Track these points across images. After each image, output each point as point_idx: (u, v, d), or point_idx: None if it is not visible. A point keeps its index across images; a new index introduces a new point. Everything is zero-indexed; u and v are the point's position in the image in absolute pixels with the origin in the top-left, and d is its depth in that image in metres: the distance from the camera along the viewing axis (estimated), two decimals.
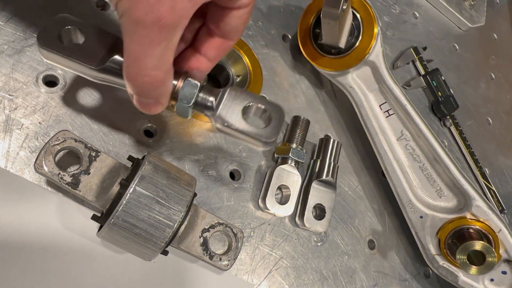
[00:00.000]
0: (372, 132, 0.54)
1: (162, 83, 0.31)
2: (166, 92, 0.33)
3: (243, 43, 0.48)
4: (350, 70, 0.53)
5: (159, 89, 0.31)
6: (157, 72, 0.30)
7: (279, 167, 0.49)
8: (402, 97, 0.52)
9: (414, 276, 0.58)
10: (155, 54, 0.28)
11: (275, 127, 0.35)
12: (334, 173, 0.51)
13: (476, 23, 0.85)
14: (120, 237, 0.35)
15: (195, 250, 0.40)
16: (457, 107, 0.72)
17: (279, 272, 0.48)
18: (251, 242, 0.47)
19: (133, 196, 0.34)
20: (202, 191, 0.45)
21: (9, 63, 0.39)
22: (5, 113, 0.38)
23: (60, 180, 0.34)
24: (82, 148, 0.36)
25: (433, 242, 0.52)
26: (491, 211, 0.50)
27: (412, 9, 0.78)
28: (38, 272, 0.36)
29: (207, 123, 0.48)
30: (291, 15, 0.61)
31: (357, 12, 0.52)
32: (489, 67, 0.89)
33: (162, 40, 0.28)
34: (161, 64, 0.30)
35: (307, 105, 0.58)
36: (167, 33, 0.28)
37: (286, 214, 0.49)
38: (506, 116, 0.87)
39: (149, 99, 0.32)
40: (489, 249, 0.46)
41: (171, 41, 0.29)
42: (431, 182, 0.53)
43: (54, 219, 0.37)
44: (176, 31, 0.28)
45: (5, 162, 0.37)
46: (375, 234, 0.57)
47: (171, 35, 0.28)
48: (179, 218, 0.35)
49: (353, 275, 0.53)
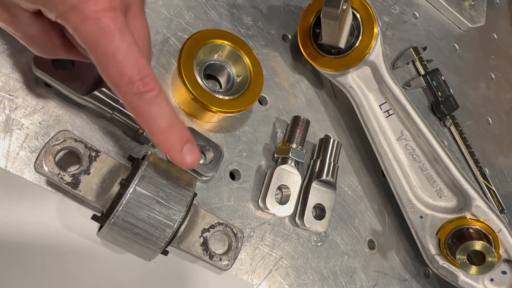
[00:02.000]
0: (372, 132, 0.54)
1: (147, 63, 0.29)
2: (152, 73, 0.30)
3: (243, 43, 0.48)
4: (350, 70, 0.53)
5: (149, 71, 0.29)
6: (133, 55, 0.28)
7: (279, 167, 0.49)
8: (402, 97, 0.52)
9: (414, 276, 0.58)
10: (118, 40, 0.27)
11: (215, 164, 0.44)
12: (334, 173, 0.51)
13: (476, 23, 0.85)
14: (120, 237, 0.35)
15: (195, 250, 0.40)
16: (457, 107, 0.72)
17: (279, 272, 0.48)
18: (251, 242, 0.47)
19: (133, 196, 0.34)
20: (202, 191, 0.45)
21: (9, 63, 0.39)
22: (5, 113, 0.38)
23: (60, 180, 0.34)
24: (82, 148, 0.36)
25: (433, 242, 0.52)
26: (491, 211, 0.50)
27: (412, 9, 0.78)
28: (38, 272, 0.36)
29: (207, 123, 0.48)
30: (291, 15, 0.61)
31: (357, 12, 0.52)
32: (489, 67, 0.89)
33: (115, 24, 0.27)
34: (131, 46, 0.28)
35: (307, 105, 0.58)
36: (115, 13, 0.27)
37: (286, 214, 0.49)
38: (506, 116, 0.87)
39: (151, 90, 0.29)
40: (489, 249, 0.46)
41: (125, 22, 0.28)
42: (431, 182, 0.53)
43: (54, 219, 0.37)
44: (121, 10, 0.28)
45: (5, 162, 0.37)
46: (375, 234, 0.57)
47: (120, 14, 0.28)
48: (179, 218, 0.35)
49: (353, 275, 0.53)
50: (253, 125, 0.52)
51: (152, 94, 0.29)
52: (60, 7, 0.26)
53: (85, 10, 0.26)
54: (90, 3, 0.26)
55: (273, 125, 0.53)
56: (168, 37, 0.49)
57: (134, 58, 0.28)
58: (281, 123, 0.54)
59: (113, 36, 0.27)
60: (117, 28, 0.27)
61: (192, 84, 0.43)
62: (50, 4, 0.27)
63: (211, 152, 0.44)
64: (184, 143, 0.31)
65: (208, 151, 0.45)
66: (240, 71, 0.48)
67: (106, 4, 0.27)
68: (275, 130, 0.53)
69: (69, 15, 0.26)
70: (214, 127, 0.49)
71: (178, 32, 0.50)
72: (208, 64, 0.48)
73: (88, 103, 0.38)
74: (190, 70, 0.43)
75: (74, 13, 0.26)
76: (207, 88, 0.44)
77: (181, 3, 0.51)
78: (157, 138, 0.30)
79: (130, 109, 0.29)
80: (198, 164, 0.42)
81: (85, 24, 0.27)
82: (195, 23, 0.51)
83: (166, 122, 0.30)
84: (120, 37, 0.27)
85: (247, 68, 0.48)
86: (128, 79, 0.28)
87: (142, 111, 0.29)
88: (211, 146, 0.44)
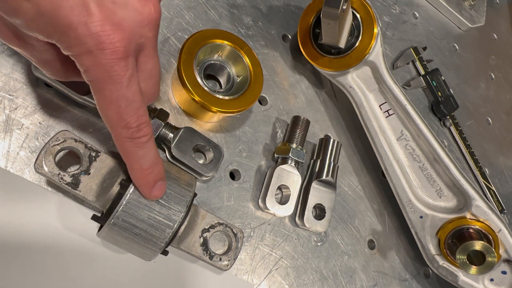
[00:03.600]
0: (372, 132, 0.54)
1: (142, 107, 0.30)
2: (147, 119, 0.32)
3: (243, 43, 0.48)
4: (350, 70, 0.53)
5: (144, 114, 0.31)
6: (135, 100, 0.29)
7: (279, 167, 0.49)
8: (402, 97, 0.52)
9: (414, 276, 0.58)
10: (125, 89, 0.28)
11: (215, 164, 0.44)
12: (334, 173, 0.51)
13: (476, 23, 0.85)
14: (120, 237, 0.35)
15: (195, 250, 0.40)
16: (457, 107, 0.72)
17: (279, 272, 0.48)
18: (251, 242, 0.47)
19: (133, 196, 0.34)
20: (202, 191, 0.45)
21: (9, 63, 0.39)
22: (5, 113, 0.38)
23: (60, 180, 0.34)
24: (82, 148, 0.36)
25: (433, 242, 0.52)
26: (491, 211, 0.50)
27: (412, 9, 0.78)
28: (38, 272, 0.36)
29: (207, 123, 0.48)
30: (291, 15, 0.61)
31: (357, 12, 0.52)
32: (489, 67, 0.89)
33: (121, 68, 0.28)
34: (135, 95, 0.29)
35: (307, 105, 0.58)
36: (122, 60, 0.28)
37: (286, 214, 0.49)
38: (506, 116, 0.87)
39: (143, 136, 0.31)
40: (489, 249, 0.46)
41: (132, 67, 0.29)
42: (431, 182, 0.53)
43: (54, 219, 0.37)
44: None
45: (5, 162, 0.37)
46: (375, 234, 0.57)
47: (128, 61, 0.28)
48: (179, 218, 0.35)
49: (353, 275, 0.53)
50: (253, 125, 0.52)
51: (143, 140, 0.31)
52: (75, 49, 0.27)
53: (100, 57, 0.26)
54: (107, 51, 0.26)
55: (273, 125, 0.53)
56: (168, 37, 0.49)
57: (135, 106, 0.29)
58: (281, 123, 0.54)
59: (121, 84, 0.28)
60: (126, 77, 0.28)
61: (192, 84, 0.43)
62: (66, 43, 0.27)
63: (211, 152, 0.44)
64: (158, 181, 0.34)
65: (208, 151, 0.45)
66: (240, 71, 0.48)
67: (121, 54, 0.27)
68: (275, 130, 0.53)
69: (83, 57, 0.27)
70: (214, 127, 0.49)
71: (178, 32, 0.50)
72: (208, 64, 0.48)
73: (88, 103, 0.38)
74: (190, 70, 0.43)
75: (88, 56, 0.27)
76: (207, 88, 0.44)
77: (181, 3, 0.51)
78: (136, 176, 0.33)
79: (119, 147, 0.31)
80: (198, 164, 0.43)
81: (96, 70, 0.27)
82: (195, 23, 0.51)
83: (149, 164, 0.32)
84: (127, 85, 0.28)
85: (247, 68, 0.48)
86: (125, 124, 0.29)
87: (130, 152, 0.31)
88: (211, 146, 0.44)
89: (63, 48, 0.27)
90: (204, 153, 0.45)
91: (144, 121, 0.30)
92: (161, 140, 0.42)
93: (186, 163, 0.42)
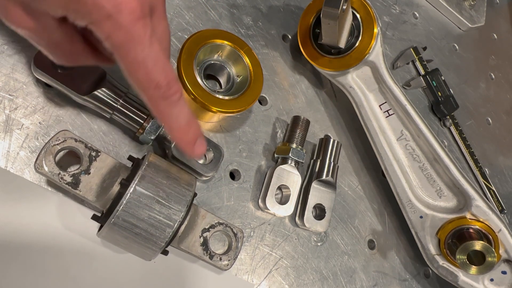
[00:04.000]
0: (372, 132, 0.54)
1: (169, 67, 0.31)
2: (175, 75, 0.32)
3: (243, 43, 0.48)
4: (350, 70, 0.53)
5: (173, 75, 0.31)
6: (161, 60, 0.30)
7: (279, 167, 0.49)
8: (402, 97, 0.52)
9: (414, 276, 0.58)
10: (148, 49, 0.28)
11: (215, 164, 0.44)
12: (334, 173, 0.51)
13: (476, 23, 0.85)
14: (120, 237, 0.35)
15: (195, 250, 0.40)
16: (457, 107, 0.72)
17: (279, 272, 0.48)
18: (251, 242, 0.47)
19: (133, 196, 0.34)
20: (202, 191, 0.45)
21: (9, 63, 0.39)
22: (5, 113, 0.38)
23: (60, 180, 0.34)
24: (82, 148, 0.36)
25: (433, 242, 0.52)
26: (491, 211, 0.50)
27: (412, 9, 0.78)
28: (38, 272, 0.36)
29: (207, 123, 0.48)
30: (291, 15, 0.61)
31: (357, 12, 0.52)
32: (489, 67, 0.89)
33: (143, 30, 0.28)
34: (159, 54, 0.29)
35: (307, 105, 0.58)
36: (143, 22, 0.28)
37: (286, 214, 0.49)
38: (506, 116, 0.87)
39: (175, 93, 0.31)
40: (489, 249, 0.46)
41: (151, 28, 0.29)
42: (431, 182, 0.53)
43: (54, 219, 0.37)
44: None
45: (5, 162, 0.37)
46: (375, 234, 0.57)
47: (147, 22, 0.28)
48: (179, 218, 0.35)
49: (353, 275, 0.53)
50: (253, 125, 0.52)
51: (175, 97, 0.31)
52: (94, 16, 0.26)
53: (120, 19, 0.26)
54: (125, 12, 0.27)
55: (273, 125, 0.53)
56: None
57: (162, 64, 0.29)
58: (281, 123, 0.54)
59: (144, 44, 0.28)
60: (147, 37, 0.28)
61: (192, 84, 0.43)
62: (83, 11, 0.27)
63: (211, 152, 0.44)
64: (197, 138, 0.34)
65: (208, 151, 0.45)
66: (240, 71, 0.48)
67: (138, 13, 0.27)
68: (275, 130, 0.53)
69: (102, 24, 0.27)
70: (214, 127, 0.49)
71: (178, 32, 0.50)
72: (208, 64, 0.48)
73: (88, 103, 0.38)
74: (190, 70, 0.43)
75: (108, 21, 0.27)
76: (207, 88, 0.44)
77: (181, 3, 0.51)
78: (176, 135, 0.33)
79: (154, 110, 0.31)
80: (198, 164, 0.43)
81: (118, 33, 0.27)
82: (195, 23, 0.51)
83: (185, 121, 0.32)
84: (149, 45, 0.28)
85: (247, 68, 0.48)
86: (156, 84, 0.29)
87: (165, 111, 0.31)
88: (211, 146, 0.44)
89: (80, 17, 0.27)
90: (204, 153, 0.45)
91: (172, 78, 0.30)
92: (161, 140, 0.42)
93: (186, 163, 0.42)
